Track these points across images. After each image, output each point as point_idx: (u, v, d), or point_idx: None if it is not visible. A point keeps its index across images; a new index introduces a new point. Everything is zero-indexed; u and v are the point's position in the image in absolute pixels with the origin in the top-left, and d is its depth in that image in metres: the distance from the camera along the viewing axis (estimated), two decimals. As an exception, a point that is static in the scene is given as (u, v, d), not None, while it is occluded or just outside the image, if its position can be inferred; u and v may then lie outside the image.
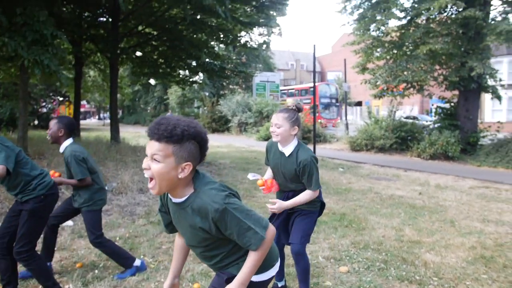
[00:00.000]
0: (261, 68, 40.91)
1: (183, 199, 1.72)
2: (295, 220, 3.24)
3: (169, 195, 1.78)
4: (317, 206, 3.27)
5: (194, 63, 15.45)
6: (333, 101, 32.69)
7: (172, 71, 16.06)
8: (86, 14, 13.77)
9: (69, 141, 3.91)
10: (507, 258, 4.51)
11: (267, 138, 22.62)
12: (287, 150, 3.14)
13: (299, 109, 3.19)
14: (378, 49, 15.96)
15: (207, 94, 36.44)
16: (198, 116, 34.44)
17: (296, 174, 3.10)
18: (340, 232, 5.46)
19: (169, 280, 2.04)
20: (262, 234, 1.70)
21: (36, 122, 29.55)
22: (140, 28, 14.44)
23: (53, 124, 3.87)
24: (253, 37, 39.31)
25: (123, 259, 4.07)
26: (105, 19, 14.07)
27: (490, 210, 6.83)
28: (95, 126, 44.97)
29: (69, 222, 5.71)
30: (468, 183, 9.53)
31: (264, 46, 40.64)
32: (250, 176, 3.24)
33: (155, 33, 14.60)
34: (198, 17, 13.27)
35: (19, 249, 3.28)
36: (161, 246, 4.89)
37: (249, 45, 16.89)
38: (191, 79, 17.70)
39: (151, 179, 1.63)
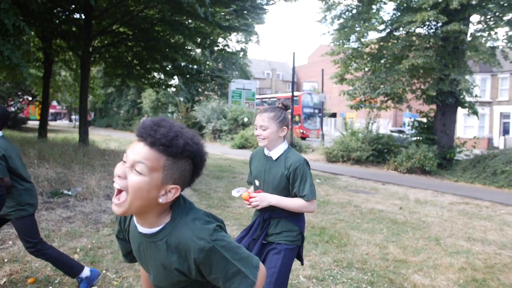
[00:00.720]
0: (237, 75, 40.66)
1: (155, 229, 1.31)
2: (267, 255, 2.66)
3: (134, 219, 1.37)
4: (298, 240, 2.67)
5: (169, 66, 14.98)
6: (316, 111, 32.40)
7: (146, 73, 15.56)
8: (57, 9, 13.11)
9: None
10: (500, 282, 4.25)
11: (242, 146, 22.30)
12: (275, 153, 2.69)
13: (286, 107, 2.74)
14: (357, 60, 15.92)
15: (182, 99, 35.82)
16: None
17: (281, 182, 2.61)
18: (321, 248, 5.12)
19: None
20: (253, 278, 1.32)
21: (2, 121, 28.21)
22: (114, 27, 13.89)
23: None
24: (231, 44, 39.16)
25: (68, 267, 3.59)
26: (77, 16, 13.46)
27: (474, 228, 6.63)
28: (65, 128, 43.59)
29: (25, 230, 5.20)
30: (447, 199, 9.39)
31: (241, 53, 40.41)
32: (234, 192, 2.80)
33: (130, 32, 14.07)
34: (176, 18, 12.85)
35: None
36: None
37: (227, 50, 16.53)
38: (166, 83, 17.20)
39: (120, 191, 1.23)
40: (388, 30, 15.05)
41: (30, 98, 32.64)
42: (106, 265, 4.24)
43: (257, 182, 2.77)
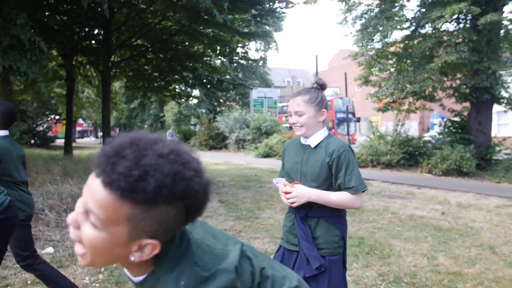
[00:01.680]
0: (258, 84, 40.49)
1: (139, 278, 0.95)
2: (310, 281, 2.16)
3: None
4: (340, 246, 2.26)
5: (190, 76, 14.83)
6: (350, 115, 30.68)
7: (167, 85, 15.45)
8: (77, 26, 13.16)
9: (1, 132, 3.25)
10: None
11: (266, 155, 21.93)
12: (314, 140, 2.29)
13: (322, 86, 2.34)
14: (381, 61, 15.39)
15: (203, 111, 35.81)
16: (195, 133, 33.84)
17: (322, 172, 2.21)
18: (363, 260, 4.66)
19: None
20: None
21: (32, 141, 28.90)
22: (133, 40, 13.86)
23: None
24: (250, 53, 38.96)
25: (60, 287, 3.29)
26: (96, 31, 13.48)
27: (529, 233, 6.04)
28: (91, 144, 44.18)
29: (50, 249, 5.01)
30: (493, 202, 8.73)
31: (261, 62, 40.28)
32: (275, 180, 2.39)
33: (148, 45, 14.01)
34: (194, 27, 12.71)
35: None
36: None
37: (247, 57, 16.34)
38: (187, 93, 17.10)
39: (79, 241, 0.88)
40: (413, 28, 14.48)
41: (57, 117, 33.24)
42: (131, 286, 3.93)
43: (291, 176, 2.35)
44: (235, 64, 36.09)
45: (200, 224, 1.05)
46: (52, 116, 33.26)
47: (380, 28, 14.42)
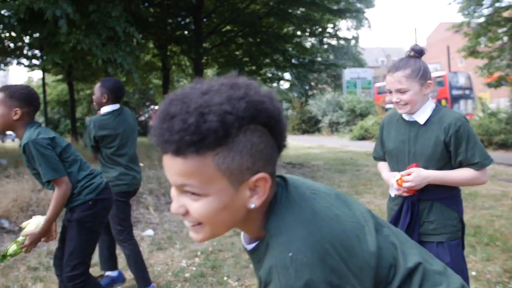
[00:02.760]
0: (350, 65, 39.11)
1: (251, 246, 0.91)
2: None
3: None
4: (458, 230, 2.05)
5: (281, 59, 14.65)
6: (467, 92, 26.98)
7: (258, 69, 15.48)
8: (170, 17, 13.65)
9: (111, 107, 3.36)
10: None
11: (362, 137, 21.10)
12: (422, 116, 2.03)
13: (421, 52, 2.05)
14: (492, 28, 13.75)
15: (295, 95, 35.57)
16: (287, 118, 33.84)
17: (436, 150, 1.98)
18: (482, 253, 4.08)
19: None
20: None
21: (136, 129, 31.15)
22: (222, 26, 14.03)
23: (96, 88, 3.38)
24: (341, 33, 37.66)
25: (142, 273, 3.41)
26: (188, 20, 13.87)
27: None
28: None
29: (149, 231, 5.17)
30: None
31: (353, 41, 38.77)
32: (392, 192, 2.12)
33: (238, 30, 14.09)
34: (283, 7, 12.47)
35: (70, 273, 2.51)
36: (249, 265, 4.04)
37: (338, 36, 15.75)
38: (278, 77, 17.01)
39: (193, 223, 0.85)
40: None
41: (156, 108, 35.45)
42: (227, 270, 3.88)
43: (396, 156, 2.09)
44: (325, 46, 35.19)
45: (334, 194, 0.96)
46: (152, 106, 35.53)
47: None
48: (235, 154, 0.77)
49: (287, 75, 23.08)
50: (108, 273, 3.66)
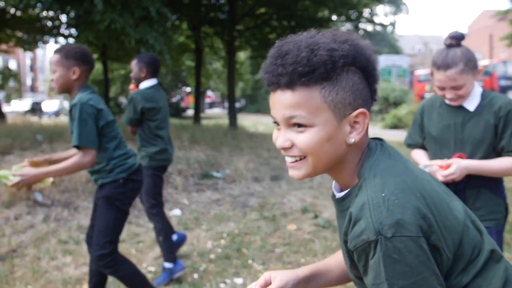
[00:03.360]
0: (386, 52, 38.09)
1: (341, 194, 0.98)
2: None
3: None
4: (504, 216, 2.04)
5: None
6: None
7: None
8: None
9: (150, 82, 3.42)
10: None
11: (394, 126, 20.59)
12: (472, 103, 1.99)
13: (460, 39, 1.96)
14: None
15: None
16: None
17: (486, 135, 1.95)
18: (518, 249, 3.90)
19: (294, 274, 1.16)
20: None
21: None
22: (257, 8, 13.86)
23: (134, 64, 3.41)
24: (378, 19, 36.67)
25: (170, 247, 3.46)
26: (222, 1, 13.78)
27: None
28: (219, 115, 46.84)
29: (177, 211, 5.24)
30: None
31: (390, 27, 37.68)
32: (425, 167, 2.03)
33: (272, 12, 13.90)
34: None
35: (99, 251, 2.49)
36: (274, 249, 4.04)
37: (374, 21, 15.34)
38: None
39: (296, 158, 0.94)
40: None
41: (188, 89, 35.66)
42: (252, 254, 3.88)
43: (441, 142, 2.04)
44: (361, 31, 34.39)
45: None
46: (184, 88, 35.79)
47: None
48: (339, 89, 0.88)
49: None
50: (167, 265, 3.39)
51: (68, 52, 2.42)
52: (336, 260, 1.21)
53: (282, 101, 0.89)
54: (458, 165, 1.91)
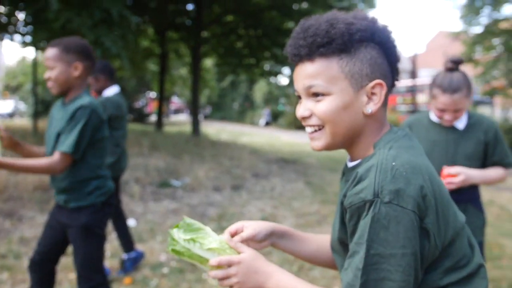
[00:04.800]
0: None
1: (354, 163, 1.03)
2: None
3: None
4: (484, 226, 2.27)
5: (280, 53, 14.58)
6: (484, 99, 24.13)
7: (257, 61, 15.37)
8: (171, 2, 13.45)
9: (114, 89, 3.37)
10: None
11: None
12: (461, 122, 2.19)
13: (459, 63, 2.12)
14: (487, 38, 13.79)
15: (293, 91, 35.47)
16: (284, 113, 33.74)
17: (477, 151, 2.15)
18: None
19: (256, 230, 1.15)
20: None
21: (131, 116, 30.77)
22: (224, 16, 13.87)
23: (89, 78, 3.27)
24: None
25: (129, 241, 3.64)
26: (189, 8, 13.72)
27: None
28: (183, 122, 46.35)
29: (132, 221, 5.04)
30: None
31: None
32: None
33: (239, 20, 13.95)
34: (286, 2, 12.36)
35: (89, 284, 2.22)
36: None
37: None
38: (276, 71, 16.93)
39: (315, 128, 0.99)
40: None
41: (153, 94, 35.09)
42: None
43: (429, 156, 2.04)
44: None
45: None
46: (148, 93, 35.15)
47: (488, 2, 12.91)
48: (357, 61, 0.94)
49: (286, 71, 23.01)
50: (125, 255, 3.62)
51: (68, 45, 2.16)
52: (316, 238, 1.24)
53: (302, 72, 0.96)
54: (467, 173, 2.02)
